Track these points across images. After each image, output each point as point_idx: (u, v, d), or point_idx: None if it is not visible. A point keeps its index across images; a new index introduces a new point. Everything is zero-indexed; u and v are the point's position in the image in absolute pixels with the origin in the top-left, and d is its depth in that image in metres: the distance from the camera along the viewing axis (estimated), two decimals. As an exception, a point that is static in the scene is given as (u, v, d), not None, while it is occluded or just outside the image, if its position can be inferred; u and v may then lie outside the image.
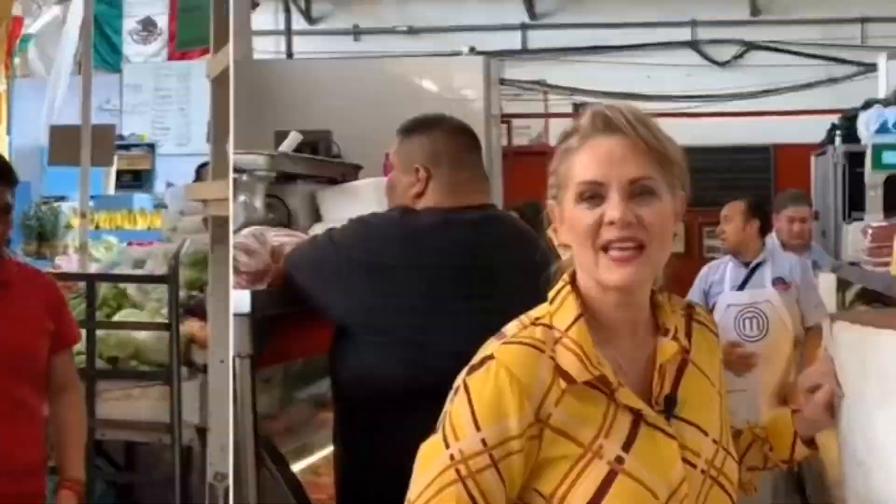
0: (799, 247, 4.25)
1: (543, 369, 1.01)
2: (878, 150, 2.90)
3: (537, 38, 8.15)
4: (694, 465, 1.06)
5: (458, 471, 0.98)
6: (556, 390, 1.01)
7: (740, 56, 7.77)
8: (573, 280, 1.09)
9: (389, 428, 1.60)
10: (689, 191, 1.14)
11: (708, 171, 7.47)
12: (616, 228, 1.02)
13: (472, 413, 0.99)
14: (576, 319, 1.04)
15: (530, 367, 1.01)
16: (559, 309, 1.07)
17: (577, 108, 8.08)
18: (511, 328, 1.07)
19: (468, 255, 1.75)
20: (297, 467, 2.06)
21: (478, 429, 0.98)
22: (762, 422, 1.35)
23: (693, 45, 7.87)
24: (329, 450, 1.97)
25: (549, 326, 1.05)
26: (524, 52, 8.14)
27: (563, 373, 1.01)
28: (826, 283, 3.81)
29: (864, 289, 3.20)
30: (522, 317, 1.09)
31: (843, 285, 3.50)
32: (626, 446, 1.02)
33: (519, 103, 7.72)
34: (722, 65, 7.82)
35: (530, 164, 7.05)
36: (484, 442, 0.98)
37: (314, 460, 2.22)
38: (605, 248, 1.03)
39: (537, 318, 1.07)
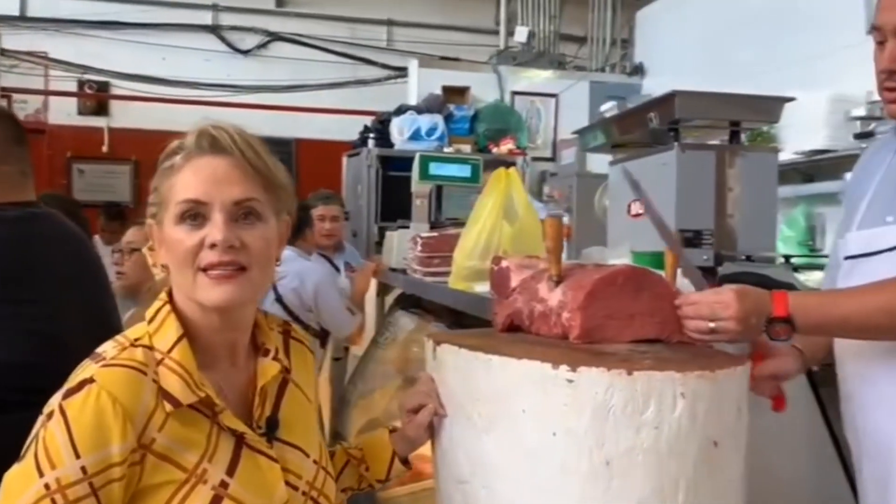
0: (330, 247, 4.55)
1: (147, 393, 1.04)
2: (424, 160, 3.21)
3: (38, 5, 7.48)
4: (296, 488, 1.15)
5: (53, 501, 0.98)
6: (160, 414, 1.04)
7: (264, 46, 8.00)
8: (171, 299, 1.13)
9: None
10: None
11: (228, 162, 7.59)
12: (217, 252, 1.08)
13: (71, 439, 0.99)
14: (178, 340, 1.09)
15: (133, 390, 1.03)
16: (159, 329, 1.10)
17: (83, 85, 7.57)
18: (109, 349, 1.08)
19: (9, 257, 1.73)
20: None
21: (77, 456, 0.99)
22: (355, 442, 1.45)
23: (214, 29, 7.87)
24: None
25: (150, 348, 1.09)
26: (22, 20, 7.43)
27: (167, 395, 1.05)
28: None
29: (402, 294, 3.53)
30: (119, 337, 1.11)
31: (383, 290, 3.83)
32: (230, 470, 1.08)
33: (16, 75, 7.21)
34: (245, 53, 7.96)
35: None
36: (84, 469, 0.99)
37: None
38: (205, 270, 1.09)
39: (137, 339, 1.10)
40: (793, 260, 2.30)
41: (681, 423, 1.14)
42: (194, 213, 1.08)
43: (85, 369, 1.05)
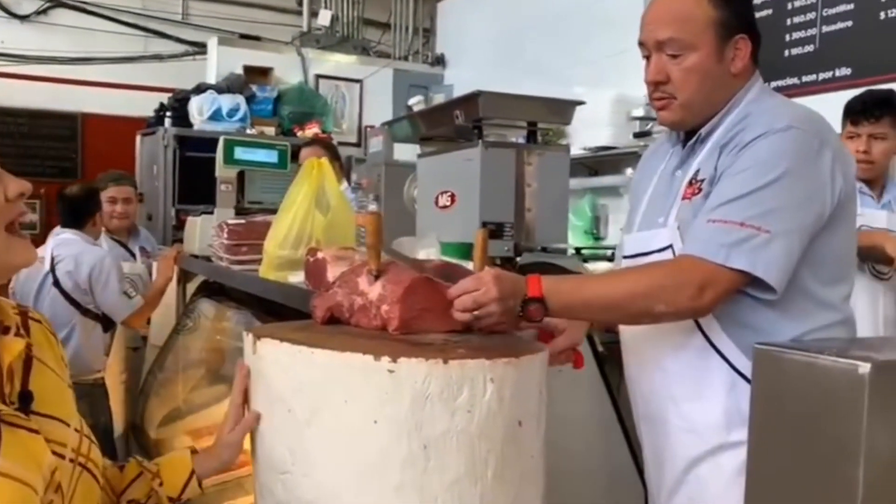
0: (123, 230, 4.37)
1: None
2: (230, 144, 3.15)
3: None
4: (62, 456, 1.16)
5: None
6: None
7: (44, 12, 7.41)
8: None
9: None
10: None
11: (3, 136, 7.04)
12: (22, 201, 1.11)
13: None
14: None
15: None
16: None
17: None
18: None
19: None
20: None
21: None
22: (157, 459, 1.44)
23: (-14, -11, 7.20)
24: None
25: None
26: None
27: None
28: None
29: (205, 282, 3.46)
30: None
31: (184, 277, 3.72)
32: None
33: None
34: (22, 18, 7.34)
35: None
36: None
37: None
38: (9, 229, 1.10)
39: None
40: (583, 251, 2.51)
41: (490, 406, 1.25)
42: None
43: None
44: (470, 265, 1.98)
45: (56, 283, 3.61)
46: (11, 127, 7.18)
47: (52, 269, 3.61)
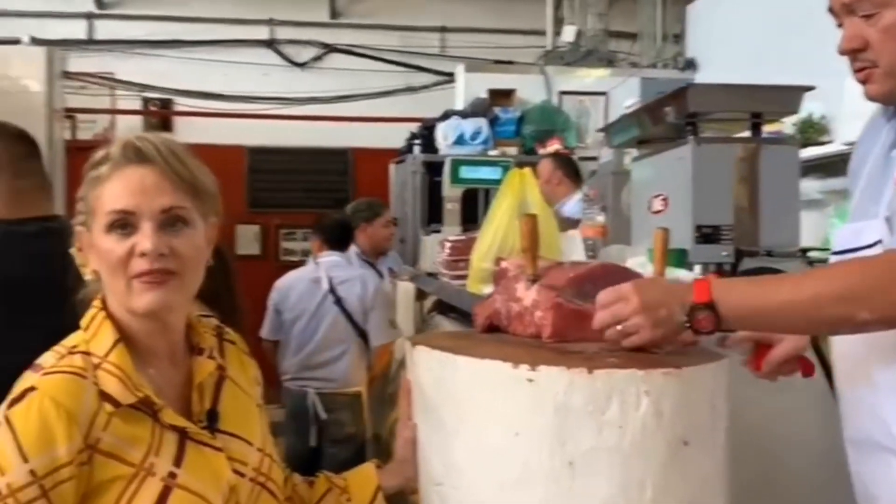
0: (381, 252, 4.67)
1: (88, 395, 1.09)
2: (456, 164, 3.23)
3: (104, 29, 7.83)
4: (242, 475, 1.21)
5: None
6: (102, 415, 1.09)
7: (319, 58, 8.14)
8: (105, 305, 1.18)
9: None
10: (222, 215, 1.26)
11: (287, 173, 7.81)
12: (147, 261, 1.12)
13: (18, 445, 1.04)
14: (114, 344, 1.14)
15: (75, 394, 1.08)
16: (95, 336, 1.15)
17: (147, 103, 7.83)
18: (47, 359, 1.13)
19: (29, 269, 1.81)
20: None
21: (25, 460, 1.03)
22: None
23: (271, 44, 8.05)
24: None
25: (87, 353, 1.13)
26: (90, 43, 7.75)
27: (107, 397, 1.10)
28: (405, 291, 4.21)
29: (439, 298, 3.54)
30: (58, 347, 1.16)
31: (421, 295, 3.85)
32: (177, 462, 1.13)
33: (84, 97, 7.39)
34: (301, 66, 8.11)
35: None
36: (33, 473, 1.03)
37: None
38: (137, 276, 1.13)
39: (74, 347, 1.14)
40: (809, 254, 2.20)
41: (645, 422, 1.11)
42: (123, 223, 1.12)
43: (26, 380, 1.10)
44: (680, 273, 1.83)
45: (338, 303, 3.91)
46: (295, 164, 7.95)
47: (332, 290, 3.92)
